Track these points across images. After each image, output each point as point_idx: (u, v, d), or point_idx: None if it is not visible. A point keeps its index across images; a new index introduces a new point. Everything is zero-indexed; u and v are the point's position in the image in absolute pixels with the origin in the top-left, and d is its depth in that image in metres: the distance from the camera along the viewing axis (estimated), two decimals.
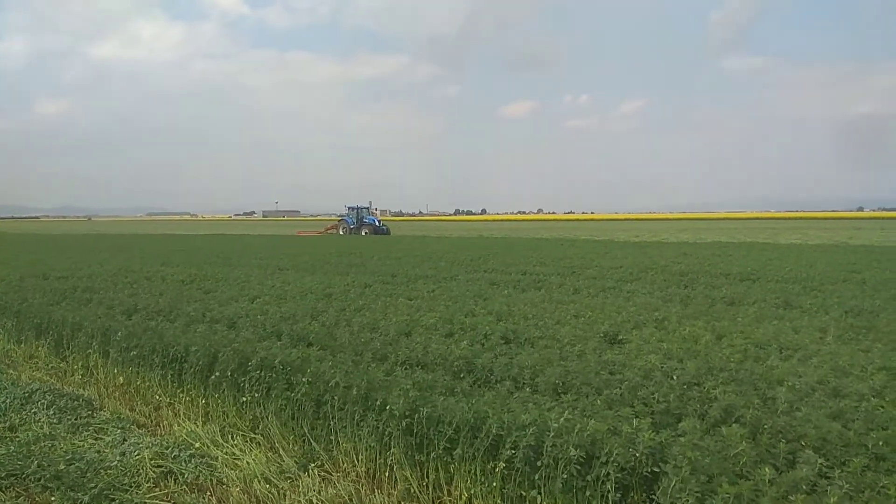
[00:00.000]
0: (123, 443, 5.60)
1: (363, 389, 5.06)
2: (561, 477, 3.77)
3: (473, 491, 4.24)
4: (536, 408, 4.38)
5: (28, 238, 46.39)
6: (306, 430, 5.39)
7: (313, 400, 5.38)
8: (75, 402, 6.70)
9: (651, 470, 3.60)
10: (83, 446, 5.54)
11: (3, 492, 4.66)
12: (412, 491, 4.59)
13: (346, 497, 4.63)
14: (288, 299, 10.13)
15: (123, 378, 7.27)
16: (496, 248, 26.03)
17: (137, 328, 7.70)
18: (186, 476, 5.01)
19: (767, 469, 3.34)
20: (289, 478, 4.95)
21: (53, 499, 4.55)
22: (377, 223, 53.36)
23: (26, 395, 6.84)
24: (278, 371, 5.74)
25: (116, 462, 5.14)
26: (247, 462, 5.14)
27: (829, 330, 7.14)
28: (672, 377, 5.06)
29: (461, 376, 5.56)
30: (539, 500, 3.88)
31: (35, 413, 6.34)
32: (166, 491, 4.82)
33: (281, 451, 5.35)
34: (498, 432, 4.15)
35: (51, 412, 6.37)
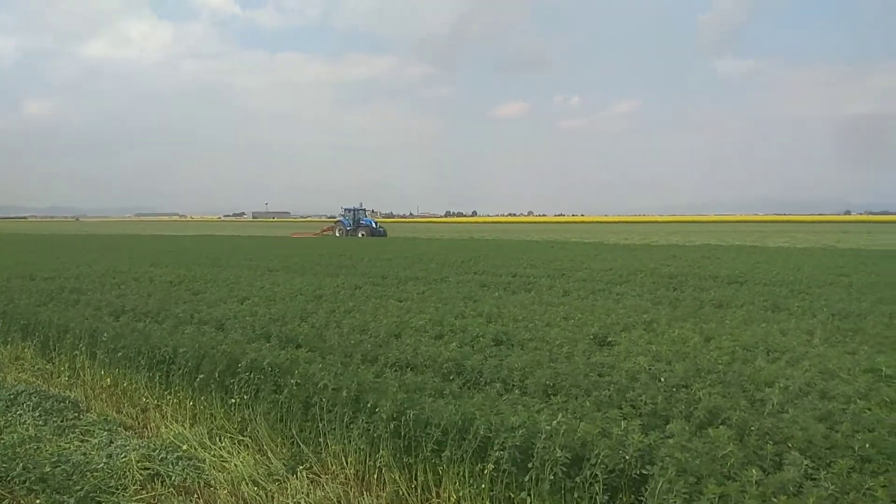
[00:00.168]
0: (110, 445, 5.55)
1: (352, 391, 5.05)
2: (548, 479, 3.77)
3: (462, 493, 4.24)
4: (525, 410, 4.39)
5: (15, 238, 45.98)
6: (295, 433, 5.37)
7: (302, 402, 5.36)
8: (61, 404, 6.64)
9: (640, 472, 3.61)
10: (69, 448, 5.48)
11: None
12: (401, 493, 4.58)
13: (335, 499, 4.61)
14: (277, 301, 10.09)
15: (110, 380, 7.21)
16: (487, 250, 26.06)
17: (125, 329, 7.65)
18: (174, 478, 4.98)
19: (754, 470, 3.36)
20: (277, 480, 4.93)
21: (39, 501, 4.51)
22: (374, 225, 52.84)
23: (11, 397, 6.76)
24: (267, 373, 5.71)
25: (103, 464, 5.10)
26: (235, 464, 5.12)
27: (817, 332, 7.18)
28: (660, 379, 5.08)
29: (451, 378, 5.56)
30: (528, 502, 3.88)
31: (20, 415, 6.28)
32: (153, 493, 4.79)
33: (269, 454, 5.32)
34: (486, 434, 4.15)
35: (36, 414, 6.30)
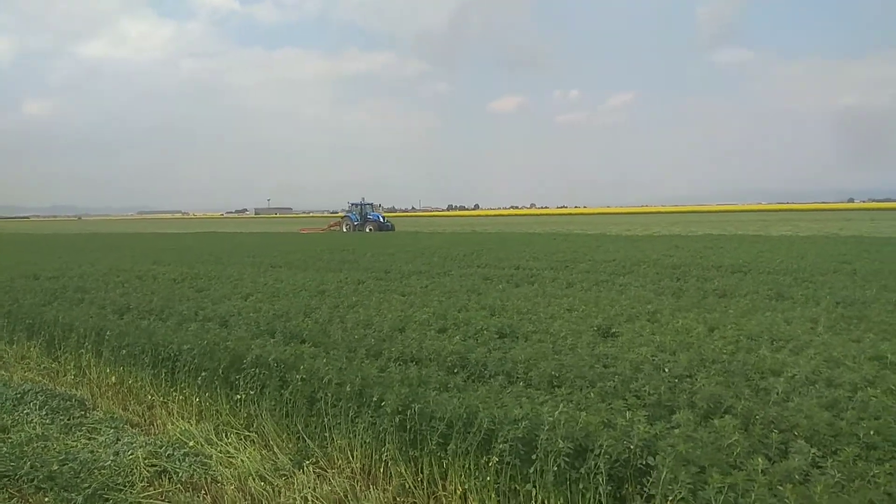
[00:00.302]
0: (117, 442, 5.58)
1: (357, 386, 5.06)
2: (552, 470, 3.78)
3: (468, 485, 4.25)
4: (530, 402, 4.39)
5: (18, 238, 46.09)
6: (300, 428, 5.39)
7: (307, 397, 5.37)
8: (68, 403, 6.67)
9: (645, 462, 3.61)
10: (76, 446, 5.51)
11: None
12: (407, 486, 4.59)
13: (342, 493, 4.63)
14: (281, 297, 10.10)
15: (116, 377, 7.24)
16: (489, 244, 26.03)
17: (129, 327, 7.67)
18: (181, 475, 5.00)
19: (760, 459, 3.36)
20: (283, 475, 4.95)
21: (47, 499, 4.53)
22: (381, 219, 52.11)
23: (18, 396, 6.80)
24: (272, 369, 5.73)
25: (110, 462, 5.12)
26: (241, 460, 5.13)
27: (821, 321, 7.17)
28: (664, 369, 5.09)
29: (455, 371, 5.57)
30: (534, 494, 3.89)
31: (27, 414, 6.31)
32: (160, 490, 4.81)
33: (275, 449, 5.34)
34: (490, 427, 4.15)
35: (43, 413, 6.33)
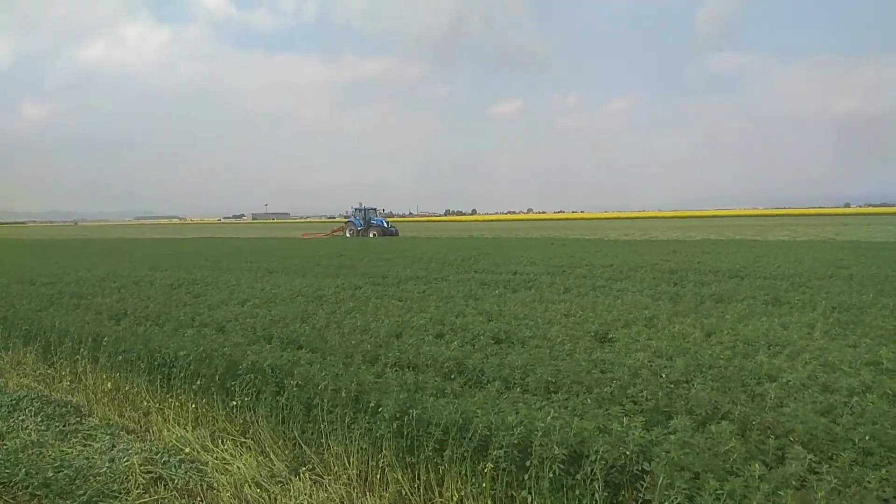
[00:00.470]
0: (112, 449, 5.56)
1: (353, 392, 5.05)
2: (548, 476, 3.77)
3: (464, 492, 4.24)
4: (526, 407, 4.39)
5: (15, 244, 45.99)
6: (297, 434, 5.37)
7: (303, 403, 5.36)
8: (63, 409, 6.64)
9: (641, 468, 3.61)
10: (72, 453, 5.49)
11: None
12: (403, 493, 4.58)
13: (338, 500, 4.62)
14: (278, 302, 10.09)
15: (112, 383, 7.21)
16: (486, 249, 26.05)
17: (126, 333, 7.64)
18: (176, 482, 4.98)
19: (757, 465, 3.36)
20: (280, 482, 4.93)
21: None
22: (385, 224, 51.71)
23: (14, 403, 6.77)
24: (267, 375, 5.72)
25: (105, 468, 5.10)
26: (237, 467, 5.12)
27: (817, 326, 7.18)
28: (662, 375, 5.08)
29: (452, 377, 5.56)
30: (530, 500, 3.88)
31: (23, 420, 6.28)
32: (156, 497, 4.79)
33: (272, 456, 5.33)
34: (485, 433, 4.15)
35: (39, 419, 6.31)
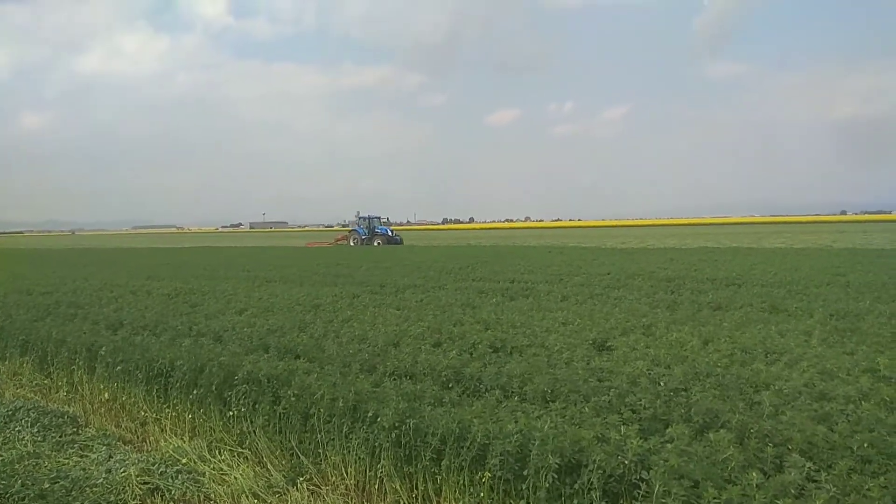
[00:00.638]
0: (109, 460, 5.52)
1: (351, 401, 5.04)
2: (544, 486, 3.76)
3: (462, 502, 4.23)
4: (525, 416, 4.38)
5: (11, 253, 45.92)
6: (294, 444, 5.35)
7: (301, 413, 5.34)
8: (60, 419, 6.61)
9: (639, 477, 3.60)
10: (68, 464, 5.46)
11: None
12: (402, 503, 4.56)
13: None
14: (275, 311, 10.08)
15: (109, 394, 7.18)
16: (484, 257, 26.06)
17: (123, 343, 7.62)
18: (173, 492, 4.96)
19: (755, 474, 3.36)
20: (277, 492, 4.91)
21: None
22: (390, 233, 50.99)
23: (10, 413, 6.73)
24: (264, 385, 5.70)
25: (102, 479, 5.07)
26: (234, 477, 5.09)
27: (814, 333, 7.19)
28: (659, 383, 5.08)
29: (450, 386, 5.55)
30: None
31: (19, 431, 6.25)
32: None
33: (269, 466, 5.30)
34: (484, 441, 4.14)
35: (35, 430, 6.28)
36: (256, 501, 4.78)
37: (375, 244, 48.41)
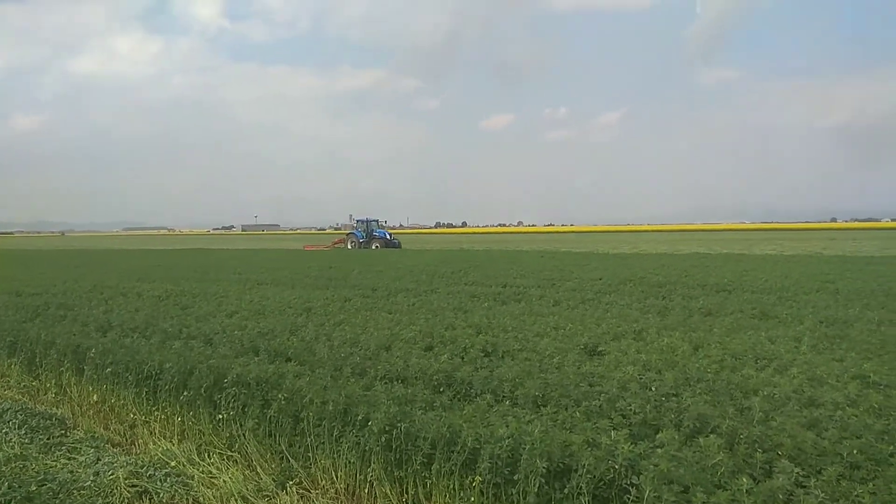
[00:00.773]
0: (97, 462, 5.48)
1: (341, 405, 5.02)
2: (533, 490, 3.76)
3: None
4: (515, 421, 4.38)
5: (1, 254, 45.55)
6: (284, 448, 5.32)
7: (291, 416, 5.32)
8: (48, 422, 6.57)
9: (629, 482, 3.60)
10: (56, 466, 5.42)
11: None
12: None
13: None
14: (266, 314, 10.04)
15: (98, 396, 7.13)
16: (477, 261, 26.06)
17: (112, 345, 7.56)
18: (162, 496, 4.92)
19: (745, 479, 3.37)
20: (266, 496, 4.89)
21: None
22: (388, 236, 50.76)
23: None
24: (254, 388, 5.67)
25: (90, 482, 5.03)
26: (223, 481, 5.06)
27: (804, 339, 7.22)
28: (650, 388, 5.10)
29: (441, 390, 5.55)
30: None
31: (6, 433, 6.20)
32: None
33: (258, 469, 5.28)
34: (473, 446, 4.13)
35: (22, 432, 6.23)
36: None
37: (374, 247, 48.20)
